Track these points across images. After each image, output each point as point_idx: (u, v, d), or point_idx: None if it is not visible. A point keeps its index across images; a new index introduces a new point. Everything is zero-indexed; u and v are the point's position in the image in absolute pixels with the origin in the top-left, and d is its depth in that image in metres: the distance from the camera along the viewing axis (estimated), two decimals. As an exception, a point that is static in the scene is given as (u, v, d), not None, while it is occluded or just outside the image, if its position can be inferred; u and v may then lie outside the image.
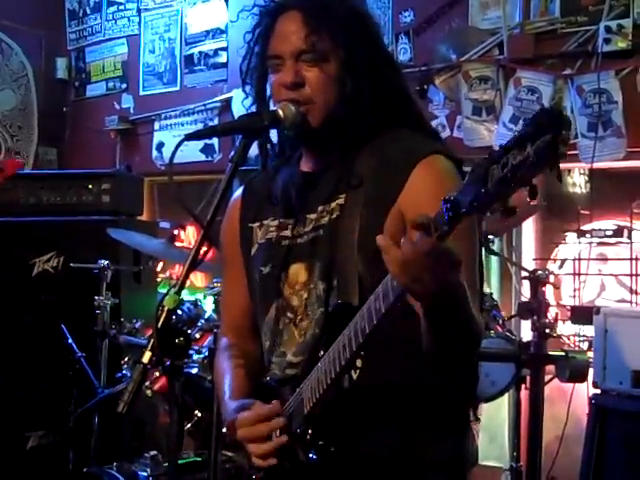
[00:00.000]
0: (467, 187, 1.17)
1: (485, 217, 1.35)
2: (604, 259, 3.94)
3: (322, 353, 1.57)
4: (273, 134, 1.79)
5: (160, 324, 1.50)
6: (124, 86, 5.68)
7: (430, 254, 1.26)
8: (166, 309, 1.51)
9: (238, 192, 1.93)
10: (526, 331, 3.71)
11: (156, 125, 5.47)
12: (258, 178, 1.88)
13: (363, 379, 1.59)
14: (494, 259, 4.14)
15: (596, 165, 3.75)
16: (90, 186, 4.32)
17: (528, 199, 1.11)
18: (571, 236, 3.94)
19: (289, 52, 1.66)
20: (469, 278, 1.48)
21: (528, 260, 4.09)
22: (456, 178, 1.63)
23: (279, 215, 1.78)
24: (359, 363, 1.57)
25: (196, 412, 3.38)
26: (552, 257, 4.09)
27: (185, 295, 1.56)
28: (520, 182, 1.10)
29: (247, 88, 1.77)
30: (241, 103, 1.79)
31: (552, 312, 3.51)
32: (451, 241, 1.26)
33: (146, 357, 1.49)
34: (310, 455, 1.58)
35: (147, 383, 3.40)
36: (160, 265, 4.83)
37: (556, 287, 3.79)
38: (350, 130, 1.70)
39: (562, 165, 1.08)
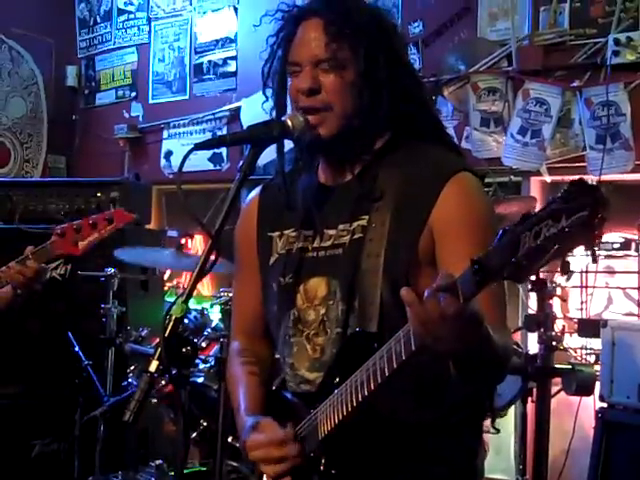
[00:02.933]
0: (497, 250, 1.14)
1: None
2: (611, 272, 3.93)
3: (337, 380, 1.56)
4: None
5: (168, 333, 1.50)
6: (133, 94, 5.69)
7: (455, 316, 1.24)
8: (173, 318, 1.51)
9: (255, 193, 1.90)
10: (533, 344, 3.69)
11: (165, 134, 5.48)
12: (275, 183, 1.84)
13: (378, 407, 1.54)
14: (501, 271, 4.12)
15: (604, 177, 3.74)
16: (98, 194, 4.32)
17: (560, 274, 1.09)
18: (578, 248, 3.91)
19: (307, 59, 1.65)
20: (498, 312, 1.52)
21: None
22: (485, 196, 1.68)
23: (298, 225, 1.76)
24: None
25: (202, 421, 3.38)
26: (559, 269, 4.07)
27: (191, 304, 1.55)
28: (552, 255, 1.08)
29: (267, 91, 1.76)
30: (261, 106, 1.78)
31: (559, 325, 3.50)
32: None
33: (153, 366, 1.49)
34: None
35: (153, 391, 3.40)
36: (167, 273, 4.83)
37: (563, 300, 3.77)
38: (367, 141, 1.69)
39: (569, 177, 1.07)
